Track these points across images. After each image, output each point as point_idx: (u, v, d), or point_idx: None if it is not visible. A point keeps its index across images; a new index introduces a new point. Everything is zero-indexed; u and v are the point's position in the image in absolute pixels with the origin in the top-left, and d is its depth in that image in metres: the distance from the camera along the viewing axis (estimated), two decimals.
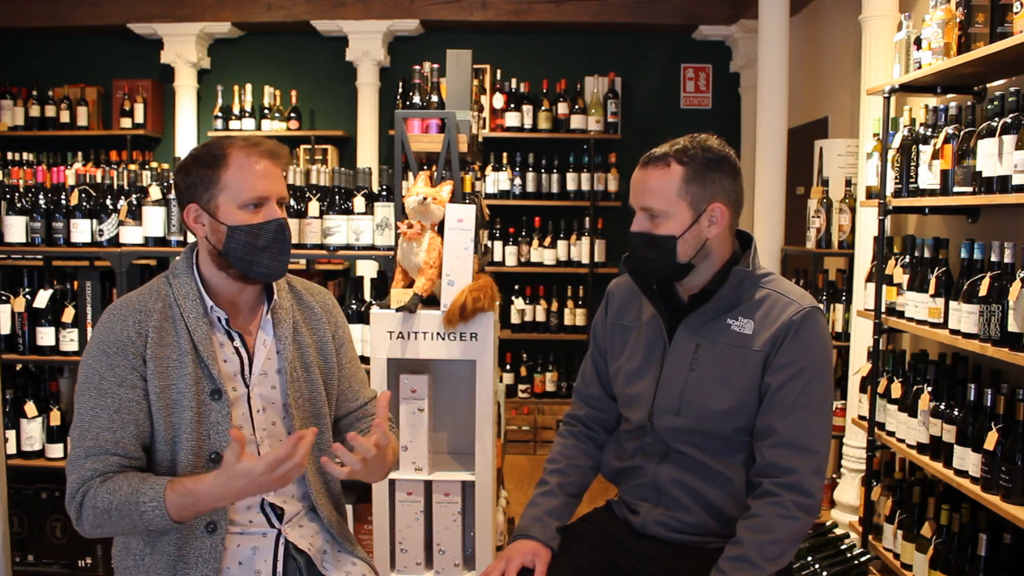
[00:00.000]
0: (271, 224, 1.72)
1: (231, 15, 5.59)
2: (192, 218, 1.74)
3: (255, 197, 1.70)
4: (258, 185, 1.70)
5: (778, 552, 1.67)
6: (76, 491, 1.61)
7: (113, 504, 1.58)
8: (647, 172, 1.79)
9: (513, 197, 5.73)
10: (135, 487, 1.59)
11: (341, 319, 1.95)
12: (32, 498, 3.30)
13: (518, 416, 5.56)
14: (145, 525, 1.59)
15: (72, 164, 5.48)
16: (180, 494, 1.58)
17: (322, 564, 1.78)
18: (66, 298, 3.28)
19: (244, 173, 1.70)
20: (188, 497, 1.58)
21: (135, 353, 1.67)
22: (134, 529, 1.61)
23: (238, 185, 1.69)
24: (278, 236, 1.72)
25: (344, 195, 3.11)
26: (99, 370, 1.66)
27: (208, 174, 1.70)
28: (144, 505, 1.57)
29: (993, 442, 2.43)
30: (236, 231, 1.70)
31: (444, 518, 2.78)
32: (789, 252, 4.33)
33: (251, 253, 1.71)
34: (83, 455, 1.63)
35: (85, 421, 1.64)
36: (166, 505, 1.57)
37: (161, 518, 1.58)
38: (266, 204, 1.72)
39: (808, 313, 1.76)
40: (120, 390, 1.65)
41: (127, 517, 1.58)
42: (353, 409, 1.93)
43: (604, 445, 2.00)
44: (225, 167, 1.70)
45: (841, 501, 3.74)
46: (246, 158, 1.70)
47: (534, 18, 5.54)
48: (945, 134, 2.80)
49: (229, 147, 1.71)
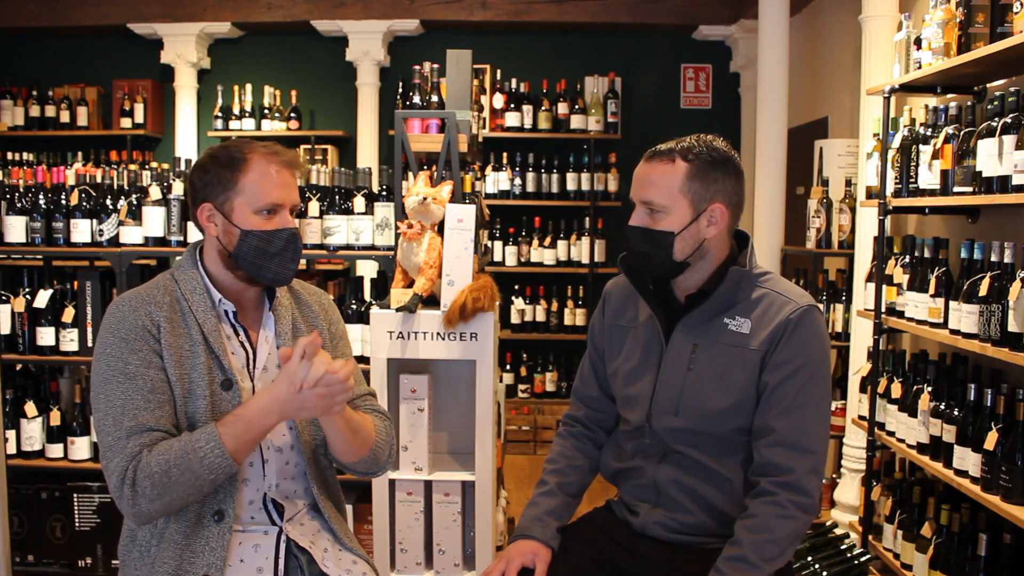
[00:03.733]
0: (283, 232, 1.75)
1: (231, 15, 5.59)
2: (205, 216, 1.75)
3: (271, 203, 1.73)
4: (274, 193, 1.73)
5: (777, 552, 1.67)
6: (124, 471, 1.58)
7: (170, 463, 1.57)
8: (651, 166, 1.79)
9: (513, 197, 5.73)
10: (185, 439, 1.60)
11: (336, 316, 1.98)
12: (32, 498, 3.30)
13: (518, 416, 5.56)
14: (207, 472, 1.58)
15: (72, 164, 5.49)
16: (230, 424, 1.61)
17: (323, 562, 1.79)
18: (66, 298, 3.28)
19: (263, 179, 1.72)
20: (240, 422, 1.61)
21: (152, 338, 1.68)
22: (195, 484, 1.59)
23: (256, 190, 1.72)
24: (289, 244, 1.75)
25: (344, 195, 3.11)
26: (122, 356, 1.65)
27: (227, 175, 1.72)
28: (202, 449, 1.58)
29: (993, 442, 2.43)
30: (249, 235, 1.72)
31: (444, 518, 2.78)
32: (789, 252, 4.33)
33: (261, 258, 1.73)
34: (124, 436, 1.60)
35: (118, 406, 1.62)
36: (222, 440, 1.59)
37: (221, 456, 1.58)
38: (280, 212, 1.75)
39: (805, 312, 1.75)
40: (149, 371, 1.65)
41: (188, 470, 1.57)
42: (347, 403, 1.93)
43: (603, 445, 2.00)
44: (245, 171, 1.72)
45: (841, 501, 3.74)
46: (266, 165, 1.73)
47: (534, 18, 5.54)
48: (945, 134, 2.80)
49: (250, 152, 1.74)
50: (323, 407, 1.63)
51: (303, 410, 1.63)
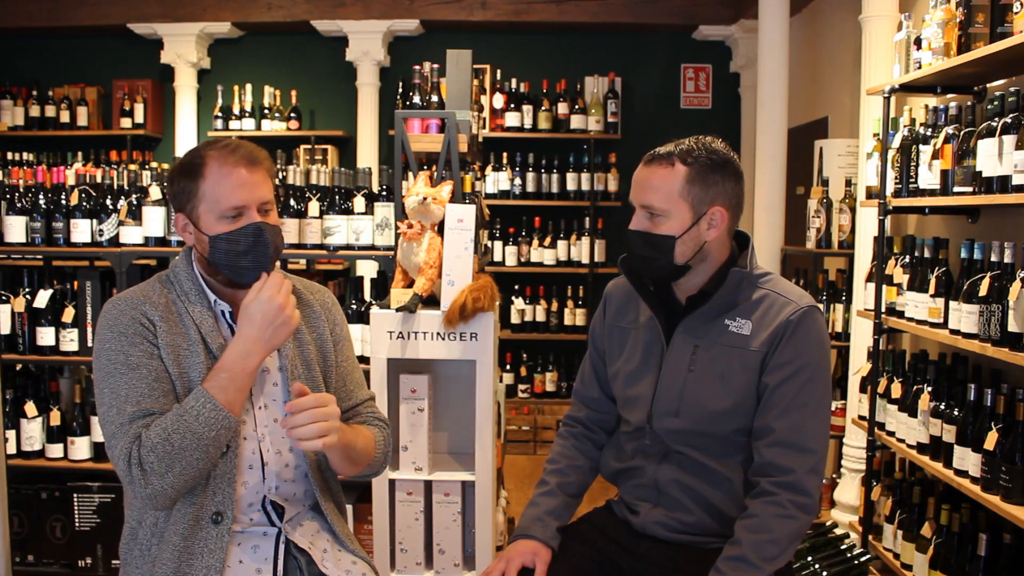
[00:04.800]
0: (247, 228, 1.70)
1: (231, 15, 5.59)
2: (180, 227, 1.75)
3: (231, 208, 1.69)
4: (234, 196, 1.69)
5: (776, 552, 1.67)
6: (129, 453, 1.58)
7: (168, 430, 1.57)
8: (651, 169, 1.79)
9: (513, 197, 5.73)
10: (177, 408, 1.60)
11: (340, 317, 1.96)
12: (32, 498, 3.30)
13: (518, 416, 5.56)
14: (206, 429, 1.58)
15: (72, 164, 5.49)
16: (213, 378, 1.62)
17: (323, 563, 1.78)
18: (66, 298, 3.28)
19: (220, 184, 1.69)
20: (222, 373, 1.62)
21: (152, 333, 1.67)
22: (200, 445, 1.58)
23: (215, 196, 1.69)
24: (257, 238, 1.71)
25: (344, 195, 3.11)
26: (123, 349, 1.65)
27: (189, 185, 1.71)
28: (194, 408, 1.58)
29: (993, 442, 2.43)
30: (216, 240, 1.71)
31: (444, 518, 2.78)
32: (789, 252, 4.33)
33: (234, 259, 1.71)
34: (127, 422, 1.60)
35: (122, 396, 1.62)
36: (211, 394, 1.59)
37: (215, 409, 1.59)
38: (246, 213, 1.71)
39: (805, 312, 1.75)
40: (151, 362, 1.65)
41: (187, 431, 1.57)
42: (347, 408, 1.92)
43: (603, 446, 2.00)
44: (203, 178, 1.69)
45: (841, 501, 3.74)
46: (220, 168, 1.69)
47: (534, 18, 5.54)
48: (945, 134, 2.80)
49: (207, 155, 1.70)
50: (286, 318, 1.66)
51: (276, 332, 1.66)
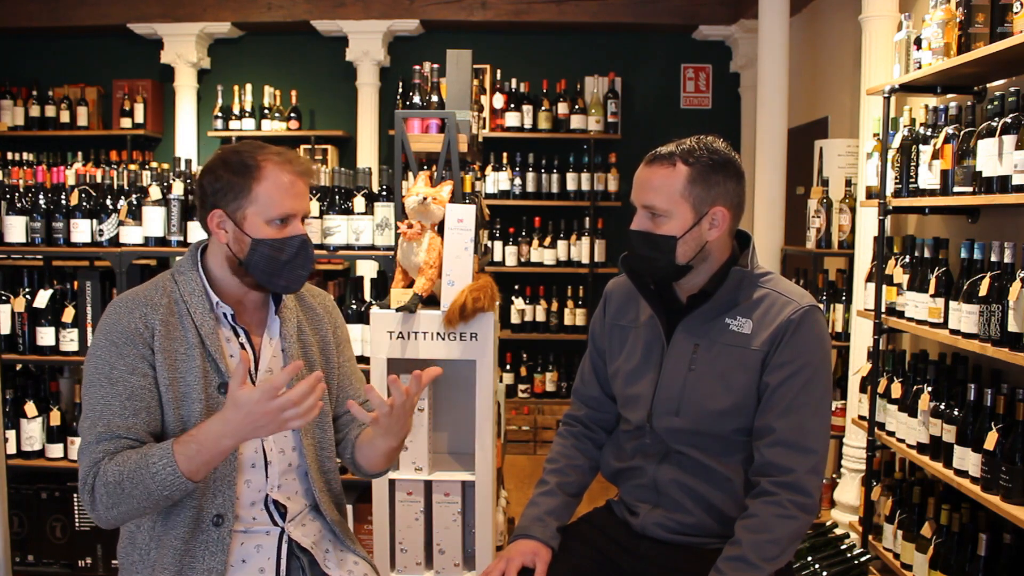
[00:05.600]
0: (295, 240, 1.72)
1: (231, 15, 5.60)
2: (215, 223, 1.73)
3: (284, 214, 1.71)
4: (288, 203, 1.71)
5: (776, 552, 1.67)
6: (88, 475, 1.59)
7: (124, 474, 1.56)
8: (652, 170, 1.79)
9: (513, 197, 5.73)
10: (143, 452, 1.58)
11: (340, 320, 1.97)
12: (32, 498, 3.30)
13: (518, 416, 5.56)
14: (160, 489, 1.55)
15: (72, 164, 5.49)
16: (185, 444, 1.57)
17: (324, 563, 1.79)
18: (66, 298, 3.28)
19: (277, 189, 1.69)
20: (192, 444, 1.56)
21: (144, 343, 1.67)
22: (149, 499, 1.57)
23: (269, 200, 1.69)
24: (301, 251, 1.73)
25: (344, 195, 3.11)
26: (109, 360, 1.65)
27: (239, 183, 1.69)
28: (154, 466, 1.55)
29: (993, 442, 2.43)
30: (260, 244, 1.70)
31: (444, 518, 2.78)
32: (789, 252, 4.33)
33: (272, 266, 1.71)
34: (94, 441, 1.61)
35: (96, 410, 1.63)
36: (176, 459, 1.55)
37: (173, 475, 1.55)
38: (292, 221, 1.73)
39: (806, 312, 1.75)
40: (132, 378, 1.65)
41: (140, 484, 1.55)
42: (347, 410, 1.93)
43: (603, 445, 2.00)
44: (258, 180, 1.69)
45: (841, 501, 3.74)
46: (280, 174, 1.70)
47: (534, 18, 5.54)
48: (945, 134, 2.80)
49: (263, 160, 1.70)
50: (277, 424, 1.54)
51: (259, 430, 1.55)
